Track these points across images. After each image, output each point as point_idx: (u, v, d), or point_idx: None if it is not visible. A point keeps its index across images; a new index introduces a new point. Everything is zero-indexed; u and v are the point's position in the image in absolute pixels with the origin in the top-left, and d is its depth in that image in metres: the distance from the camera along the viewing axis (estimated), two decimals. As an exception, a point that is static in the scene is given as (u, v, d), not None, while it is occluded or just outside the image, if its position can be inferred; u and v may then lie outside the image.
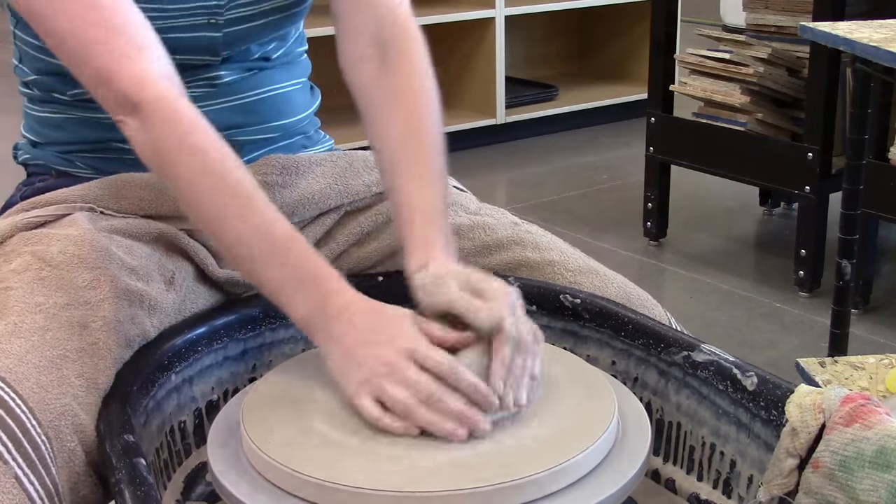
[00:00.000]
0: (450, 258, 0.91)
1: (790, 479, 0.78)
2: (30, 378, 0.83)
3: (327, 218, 1.10)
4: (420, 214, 0.93)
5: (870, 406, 0.76)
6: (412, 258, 0.91)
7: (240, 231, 0.88)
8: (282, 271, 0.87)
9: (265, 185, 1.06)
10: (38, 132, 1.11)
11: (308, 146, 1.18)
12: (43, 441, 0.81)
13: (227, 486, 0.79)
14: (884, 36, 1.64)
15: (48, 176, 1.10)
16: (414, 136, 0.98)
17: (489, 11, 3.71)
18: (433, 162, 0.97)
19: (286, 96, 1.13)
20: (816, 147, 2.43)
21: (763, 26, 2.63)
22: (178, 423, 0.94)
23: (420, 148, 0.98)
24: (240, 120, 1.09)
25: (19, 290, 0.91)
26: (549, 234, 1.11)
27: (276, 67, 1.13)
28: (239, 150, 1.09)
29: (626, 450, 0.82)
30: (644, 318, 0.96)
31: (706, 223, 3.06)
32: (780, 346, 2.26)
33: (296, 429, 0.81)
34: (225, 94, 1.08)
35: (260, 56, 1.11)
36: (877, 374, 1.45)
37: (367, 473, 0.75)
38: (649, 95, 2.86)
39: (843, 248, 1.84)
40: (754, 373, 0.84)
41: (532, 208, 3.17)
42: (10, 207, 1.09)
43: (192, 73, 1.05)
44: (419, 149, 0.98)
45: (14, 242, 0.99)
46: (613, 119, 4.12)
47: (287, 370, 0.90)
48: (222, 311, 1.00)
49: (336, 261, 1.10)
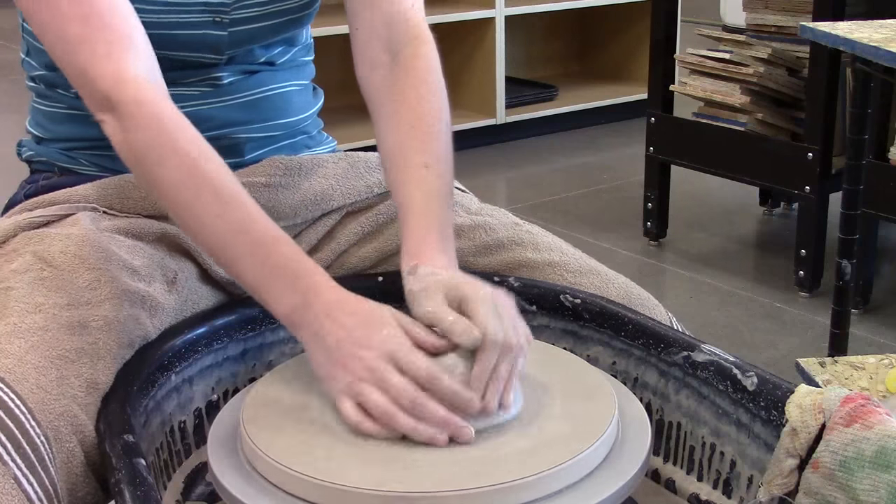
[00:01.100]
0: (444, 258, 0.90)
1: (790, 480, 0.78)
2: (29, 378, 0.83)
3: (329, 218, 1.10)
4: (414, 213, 0.93)
5: (870, 406, 0.76)
6: (403, 259, 0.91)
7: (220, 230, 0.87)
8: (263, 268, 0.86)
9: (268, 187, 1.06)
10: (43, 127, 1.11)
11: (311, 146, 1.18)
12: (42, 442, 0.81)
13: (227, 487, 0.79)
14: (884, 36, 1.64)
15: (51, 173, 1.10)
16: (419, 132, 0.98)
17: (489, 11, 3.71)
18: (437, 156, 0.97)
19: (287, 96, 1.13)
20: (816, 147, 2.43)
21: (763, 26, 2.63)
22: (178, 423, 0.94)
23: (424, 142, 0.97)
24: (240, 118, 1.09)
25: (19, 290, 0.91)
26: (550, 235, 1.11)
27: (278, 70, 1.13)
28: (240, 148, 1.09)
29: (626, 450, 0.82)
30: (644, 319, 0.96)
31: (706, 223, 3.06)
32: (780, 346, 2.26)
33: (295, 429, 0.81)
34: (225, 93, 1.08)
35: (265, 60, 1.11)
36: (877, 374, 1.46)
37: (367, 474, 0.75)
38: (649, 95, 2.86)
39: (843, 248, 1.84)
40: (754, 373, 0.84)
41: (532, 208, 3.17)
42: (13, 205, 1.09)
43: (194, 72, 1.05)
44: (423, 143, 0.97)
45: (16, 242, 0.99)
46: (613, 119, 4.11)
47: (287, 370, 0.90)
48: (222, 311, 1.00)
49: (336, 261, 1.10)
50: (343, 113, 2.82)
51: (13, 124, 3.99)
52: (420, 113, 1.00)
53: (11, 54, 5.41)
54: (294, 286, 0.85)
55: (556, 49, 4.47)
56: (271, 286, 0.86)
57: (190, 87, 1.05)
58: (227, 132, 1.08)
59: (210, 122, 1.05)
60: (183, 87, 1.04)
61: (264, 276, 0.86)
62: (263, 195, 1.05)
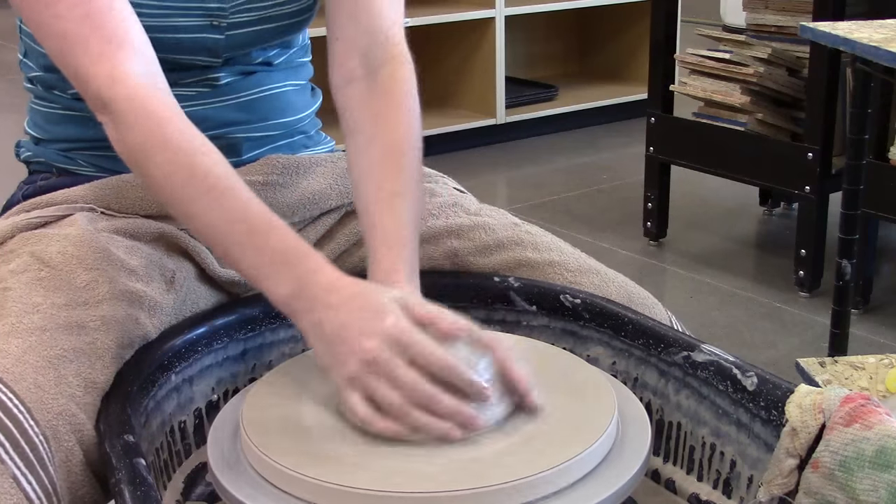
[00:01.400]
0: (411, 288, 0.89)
1: (790, 479, 0.78)
2: (27, 378, 0.83)
3: (328, 218, 1.10)
4: (386, 242, 0.92)
5: (870, 406, 0.76)
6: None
7: (215, 220, 0.87)
8: (260, 256, 0.86)
9: (266, 185, 1.06)
10: (41, 128, 1.11)
11: (309, 146, 1.18)
12: (41, 441, 0.81)
13: (227, 487, 0.79)
14: (884, 36, 1.64)
15: (49, 174, 1.10)
16: (393, 160, 0.97)
17: (489, 11, 3.71)
18: (409, 185, 0.96)
19: (285, 95, 1.13)
20: (816, 147, 2.43)
21: (763, 26, 2.63)
22: (178, 423, 0.94)
23: (397, 170, 0.96)
24: (238, 117, 1.09)
25: (17, 291, 0.91)
26: (550, 235, 1.11)
27: (275, 71, 1.13)
28: (238, 148, 1.09)
29: (626, 450, 0.82)
30: (644, 318, 0.96)
31: (706, 223, 3.06)
32: (780, 346, 2.26)
33: (296, 429, 0.81)
34: (223, 94, 1.08)
35: (261, 61, 1.11)
36: (877, 374, 1.45)
37: (367, 474, 0.75)
38: (649, 95, 2.87)
39: (843, 248, 1.84)
40: (754, 373, 0.84)
41: (532, 208, 3.17)
42: (11, 206, 1.09)
43: (191, 73, 1.05)
44: (396, 171, 0.96)
45: (14, 243, 0.99)
46: (613, 119, 4.12)
47: (287, 370, 0.90)
48: (222, 311, 1.00)
49: (336, 261, 1.10)
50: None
51: (12, 124, 3.99)
52: (395, 139, 0.98)
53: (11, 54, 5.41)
54: (290, 272, 0.84)
55: (556, 49, 4.47)
56: (269, 273, 0.85)
57: (187, 88, 1.05)
58: (224, 132, 1.08)
59: (207, 122, 1.05)
60: (180, 88, 1.04)
61: (263, 265, 0.86)
62: (261, 194, 1.05)
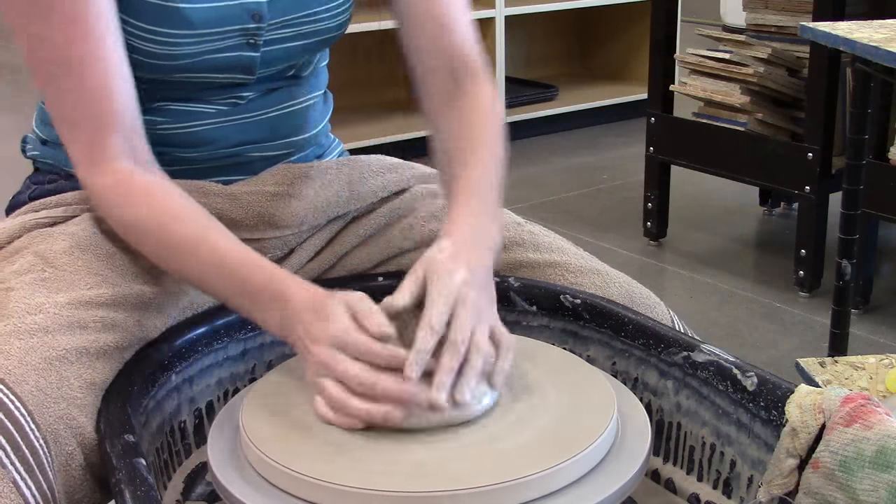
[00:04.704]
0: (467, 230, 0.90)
1: (790, 480, 0.78)
2: (29, 380, 0.83)
3: (335, 224, 1.11)
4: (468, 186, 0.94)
5: (870, 406, 0.76)
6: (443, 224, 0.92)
7: (197, 272, 0.92)
8: (244, 297, 0.90)
9: (276, 196, 1.06)
10: (50, 129, 1.10)
11: (319, 154, 1.17)
12: (41, 445, 0.80)
13: (226, 486, 0.79)
14: (884, 36, 1.64)
15: (56, 176, 1.09)
16: (474, 143, 1.00)
17: (489, 11, 3.71)
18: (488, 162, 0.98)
19: (304, 112, 1.13)
20: (816, 147, 2.43)
21: (763, 26, 2.63)
22: (178, 423, 0.94)
23: (477, 150, 0.99)
24: (256, 136, 1.08)
25: (20, 291, 0.91)
26: (552, 234, 1.11)
27: (299, 84, 1.12)
28: (252, 166, 1.09)
29: (626, 450, 0.82)
30: (644, 319, 0.96)
31: (706, 223, 3.06)
32: (780, 346, 2.26)
33: (295, 429, 0.81)
34: (245, 111, 1.07)
35: (291, 74, 1.11)
36: (877, 374, 1.46)
37: (367, 474, 0.75)
38: (649, 95, 2.86)
39: (843, 248, 1.84)
40: (754, 373, 0.84)
41: (532, 208, 3.17)
42: (17, 205, 1.09)
43: (219, 91, 1.05)
44: (476, 150, 0.99)
45: (20, 242, 0.99)
46: (613, 119, 4.12)
47: (287, 370, 0.91)
48: (222, 311, 1.00)
49: (339, 261, 1.10)
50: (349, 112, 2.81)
51: (13, 124, 3.99)
52: (481, 129, 1.02)
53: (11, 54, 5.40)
54: (273, 305, 0.88)
55: (556, 49, 4.47)
56: (256, 311, 0.90)
57: (211, 105, 1.05)
58: (240, 150, 1.08)
59: (225, 140, 1.06)
60: (203, 105, 1.04)
61: (248, 304, 0.90)
62: (271, 204, 1.05)
